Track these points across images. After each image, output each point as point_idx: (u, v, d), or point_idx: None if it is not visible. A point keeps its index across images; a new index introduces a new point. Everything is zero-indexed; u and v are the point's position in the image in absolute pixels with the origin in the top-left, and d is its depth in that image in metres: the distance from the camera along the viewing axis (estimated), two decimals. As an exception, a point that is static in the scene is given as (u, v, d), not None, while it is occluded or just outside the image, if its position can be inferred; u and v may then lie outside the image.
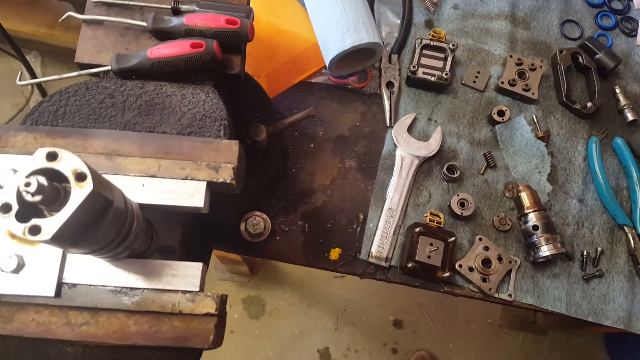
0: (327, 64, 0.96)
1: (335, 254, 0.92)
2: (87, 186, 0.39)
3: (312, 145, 0.99)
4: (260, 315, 2.02)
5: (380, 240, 0.91)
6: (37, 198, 0.38)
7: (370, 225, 0.93)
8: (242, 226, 0.89)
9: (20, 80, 0.67)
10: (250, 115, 0.89)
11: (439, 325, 2.05)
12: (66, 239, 0.39)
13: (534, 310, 0.90)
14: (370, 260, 0.90)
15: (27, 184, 0.37)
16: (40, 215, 0.40)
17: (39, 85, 1.43)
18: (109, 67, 0.66)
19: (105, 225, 0.43)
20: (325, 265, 0.92)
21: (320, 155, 0.99)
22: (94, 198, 0.39)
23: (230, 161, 0.58)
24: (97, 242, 0.44)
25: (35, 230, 0.37)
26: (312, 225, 0.94)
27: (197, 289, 0.53)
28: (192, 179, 0.56)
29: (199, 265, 0.54)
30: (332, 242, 0.93)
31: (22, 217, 0.39)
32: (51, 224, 0.38)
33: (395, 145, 0.97)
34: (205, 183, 0.56)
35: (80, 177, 0.39)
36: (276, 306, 2.04)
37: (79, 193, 0.39)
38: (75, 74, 0.68)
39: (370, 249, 0.91)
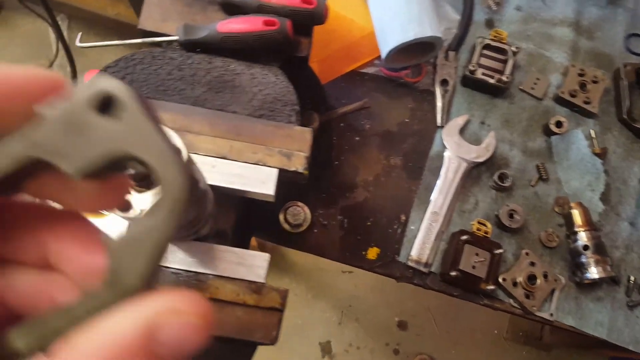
0: (383, 55, 0.92)
1: (373, 253, 0.89)
2: (182, 163, 0.35)
3: (357, 138, 0.96)
4: (266, 302, 2.00)
5: (421, 244, 0.88)
6: (130, 172, 0.34)
7: (412, 227, 0.90)
8: (282, 216, 0.86)
9: (80, 42, 0.64)
10: (302, 102, 0.85)
11: (443, 330, 2.03)
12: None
13: (565, 326, 0.87)
14: (409, 263, 0.87)
15: (122, 156, 0.34)
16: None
17: (66, 48, 1.39)
18: (176, 37, 0.62)
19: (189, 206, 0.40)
20: (362, 264, 0.89)
21: (365, 149, 0.96)
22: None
23: (303, 149, 0.54)
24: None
25: (126, 205, 0.34)
26: (352, 221, 0.91)
27: (263, 280, 0.49)
28: (264, 165, 0.52)
29: (265, 256, 0.50)
30: (371, 240, 0.90)
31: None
32: (143, 200, 0.34)
33: (444, 147, 0.94)
34: (276, 170, 0.52)
35: (174, 152, 0.36)
36: (283, 295, 2.02)
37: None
38: (139, 40, 0.64)
39: (409, 252, 0.88)
